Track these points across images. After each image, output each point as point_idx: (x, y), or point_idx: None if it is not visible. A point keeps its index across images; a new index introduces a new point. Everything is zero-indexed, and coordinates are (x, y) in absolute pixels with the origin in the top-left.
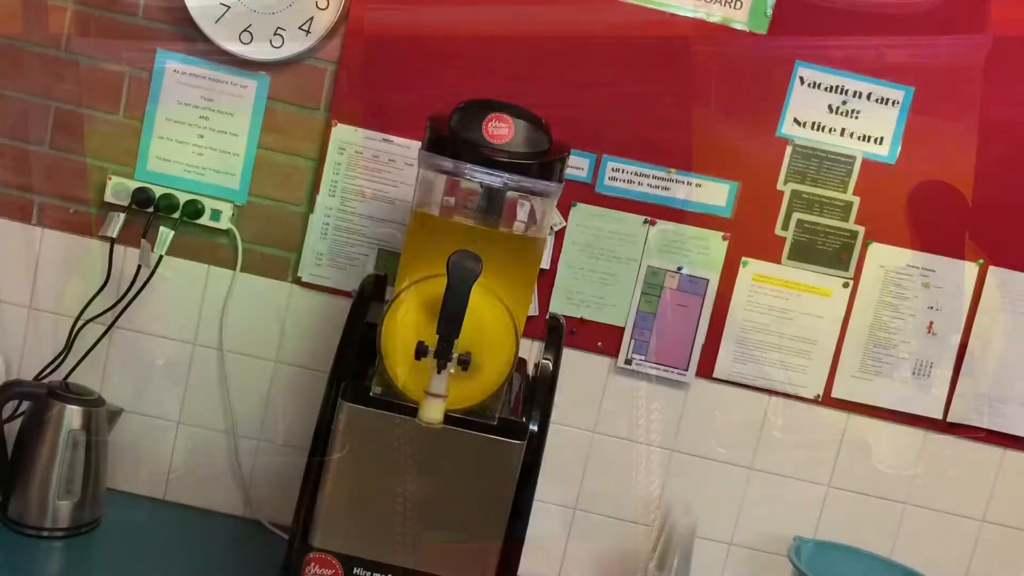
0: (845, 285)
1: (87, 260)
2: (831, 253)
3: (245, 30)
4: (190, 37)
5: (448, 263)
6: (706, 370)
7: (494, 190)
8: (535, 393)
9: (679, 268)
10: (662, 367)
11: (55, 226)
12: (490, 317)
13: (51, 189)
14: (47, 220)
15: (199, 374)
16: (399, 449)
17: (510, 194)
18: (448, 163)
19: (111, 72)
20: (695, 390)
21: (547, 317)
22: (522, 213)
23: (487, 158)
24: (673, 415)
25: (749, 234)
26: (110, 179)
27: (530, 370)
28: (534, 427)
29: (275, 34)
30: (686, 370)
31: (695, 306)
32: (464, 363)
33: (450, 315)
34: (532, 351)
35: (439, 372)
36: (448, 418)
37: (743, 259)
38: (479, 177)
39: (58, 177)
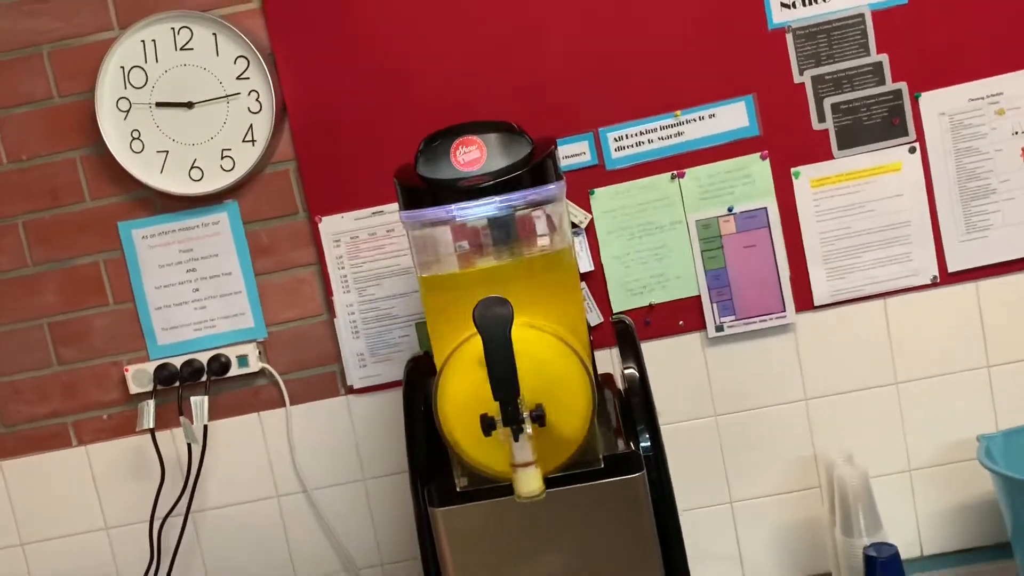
0: (911, 151)
1: (140, 458)
2: (882, 124)
3: (192, 167)
4: (143, 198)
5: (474, 318)
6: (805, 302)
7: (498, 218)
8: (632, 409)
9: (729, 209)
10: (757, 319)
11: (96, 439)
12: (548, 355)
13: (76, 405)
14: (86, 436)
15: (294, 523)
16: (515, 531)
17: (518, 213)
18: (431, 213)
19: (84, 266)
20: (803, 328)
21: (612, 321)
22: (540, 226)
23: (469, 190)
24: (790, 362)
25: (787, 142)
26: (127, 370)
27: (619, 384)
28: (646, 445)
29: (223, 158)
30: (784, 312)
31: (764, 241)
32: (539, 419)
33: (499, 375)
34: (613, 361)
35: (516, 440)
36: (550, 481)
37: (792, 171)
38: (470, 214)
39: (78, 390)
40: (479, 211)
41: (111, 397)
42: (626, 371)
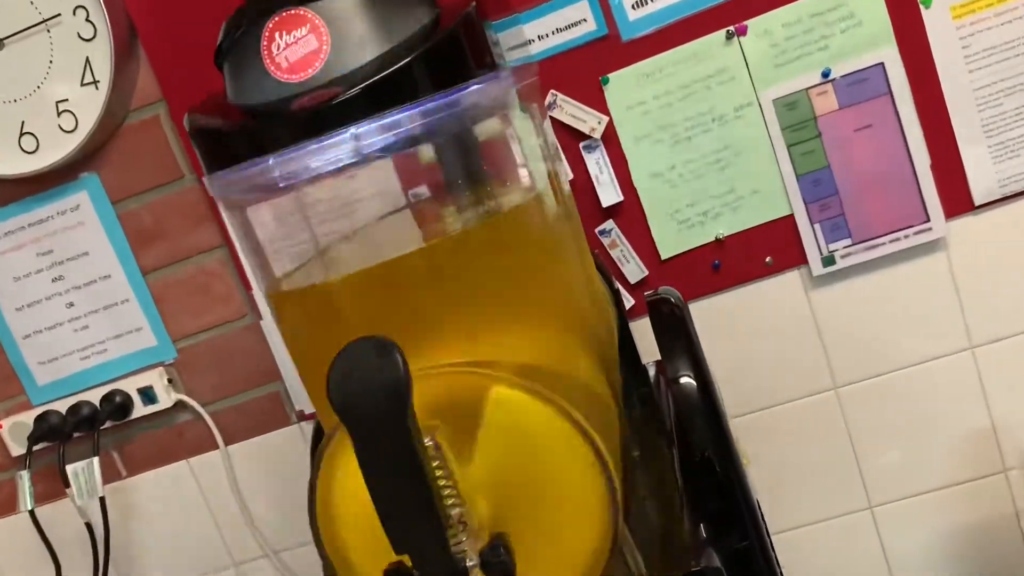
0: None
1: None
2: None
3: (23, 133)
4: None
5: (332, 404)
6: (959, 203)
7: (398, 164)
8: (695, 446)
9: (825, 74)
10: (886, 238)
11: None
12: (521, 425)
13: None
14: None
15: None
16: None
17: (434, 150)
18: (237, 175)
19: None
20: (958, 241)
21: (647, 299)
22: (490, 161)
23: (299, 120)
24: (943, 296)
25: None
26: (1, 426)
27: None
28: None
29: (60, 113)
30: (927, 220)
31: (885, 117)
32: (500, 568)
33: (393, 511)
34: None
35: None
36: None
37: None
38: (309, 166)
39: None
40: (328, 159)
41: None
42: (683, 379)
